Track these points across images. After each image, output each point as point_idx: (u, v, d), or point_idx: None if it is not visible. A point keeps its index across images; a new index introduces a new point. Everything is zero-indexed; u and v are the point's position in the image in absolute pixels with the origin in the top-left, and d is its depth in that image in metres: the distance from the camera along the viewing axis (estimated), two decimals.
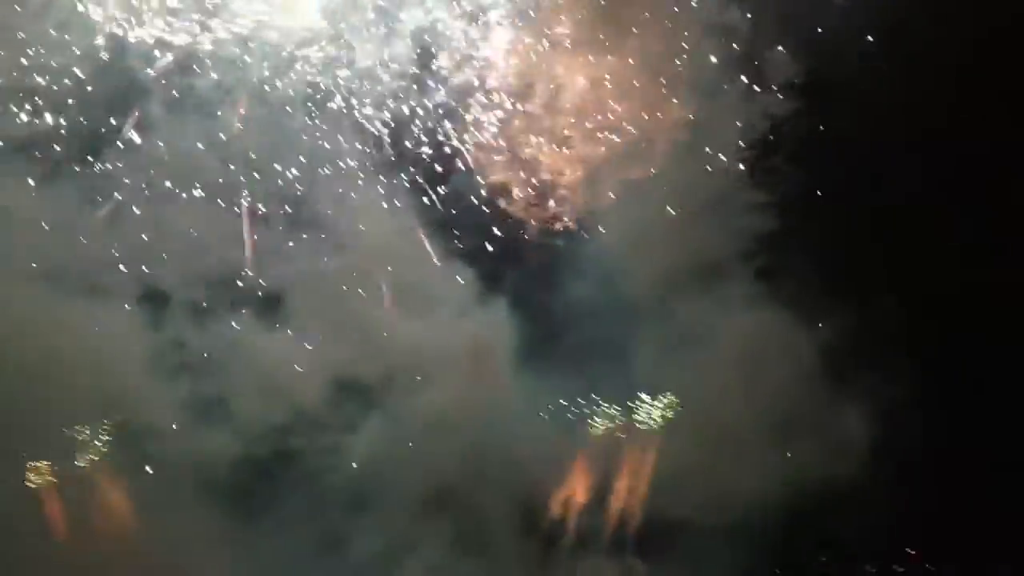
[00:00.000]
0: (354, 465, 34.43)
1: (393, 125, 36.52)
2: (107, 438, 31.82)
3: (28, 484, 29.20)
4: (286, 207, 35.67)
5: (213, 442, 32.78)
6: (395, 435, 34.39)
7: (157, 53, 33.75)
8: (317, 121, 35.76)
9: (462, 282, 35.16)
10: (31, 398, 28.60)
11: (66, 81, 33.17)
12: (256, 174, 35.31)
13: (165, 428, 32.19)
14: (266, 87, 35.23)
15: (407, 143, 36.78)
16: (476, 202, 36.30)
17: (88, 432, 31.37)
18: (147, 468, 31.65)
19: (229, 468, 33.08)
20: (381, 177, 36.22)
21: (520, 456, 33.18)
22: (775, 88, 18.06)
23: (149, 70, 33.73)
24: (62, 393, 29.46)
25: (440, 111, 36.43)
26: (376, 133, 36.49)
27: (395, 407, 34.28)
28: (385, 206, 35.91)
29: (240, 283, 34.95)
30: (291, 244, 35.40)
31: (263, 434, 34.03)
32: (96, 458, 31.31)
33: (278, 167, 35.54)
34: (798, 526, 31.28)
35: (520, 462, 33.21)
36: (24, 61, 31.56)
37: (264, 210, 35.26)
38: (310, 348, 34.39)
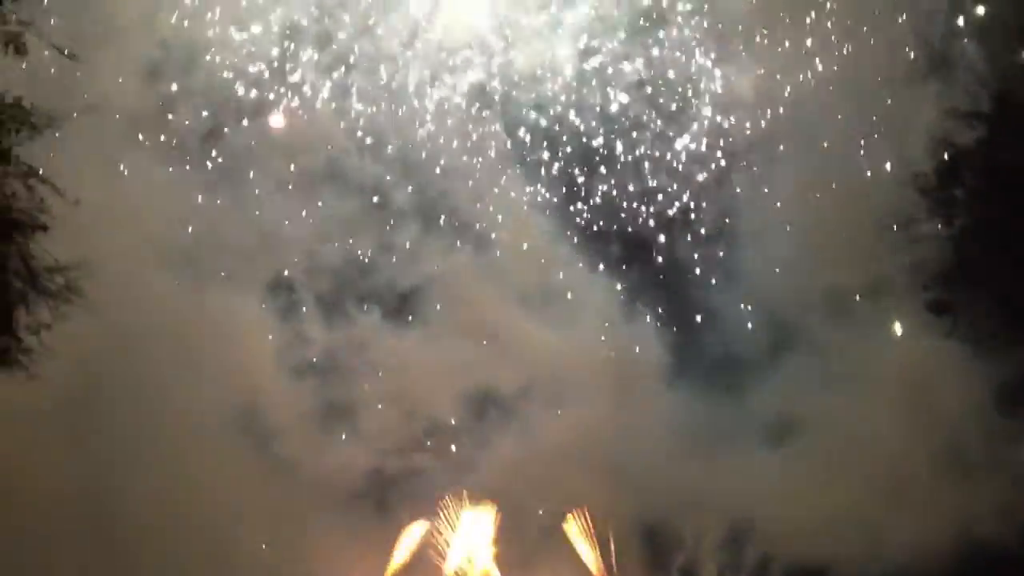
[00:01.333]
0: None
1: (547, 126, 37.97)
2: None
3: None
4: (426, 204, 37.62)
5: (337, 448, 34.25)
6: (528, 452, 35.55)
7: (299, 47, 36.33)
8: (465, 118, 37.76)
9: (606, 291, 36.14)
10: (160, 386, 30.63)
11: (201, 70, 35.81)
12: (397, 169, 37.47)
13: (290, 429, 34.03)
14: (415, 80, 37.36)
15: (558, 145, 38.17)
16: (628, 210, 37.32)
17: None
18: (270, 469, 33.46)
19: (353, 477, 34.45)
20: (528, 178, 37.76)
21: (657, 480, 33.66)
22: (961, 114, 18.39)
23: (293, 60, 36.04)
24: (190, 383, 31.43)
25: (597, 113, 37.70)
26: (528, 133, 38.17)
27: (530, 422, 35.37)
28: (530, 207, 37.46)
29: (373, 280, 36.98)
30: (428, 241, 37.32)
31: (389, 444, 35.35)
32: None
33: (422, 163, 37.65)
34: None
35: (657, 486, 33.70)
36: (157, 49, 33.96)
37: (402, 206, 37.37)
38: (442, 353, 35.84)
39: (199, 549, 28.63)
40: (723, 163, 36.65)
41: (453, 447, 35.48)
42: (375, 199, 36.42)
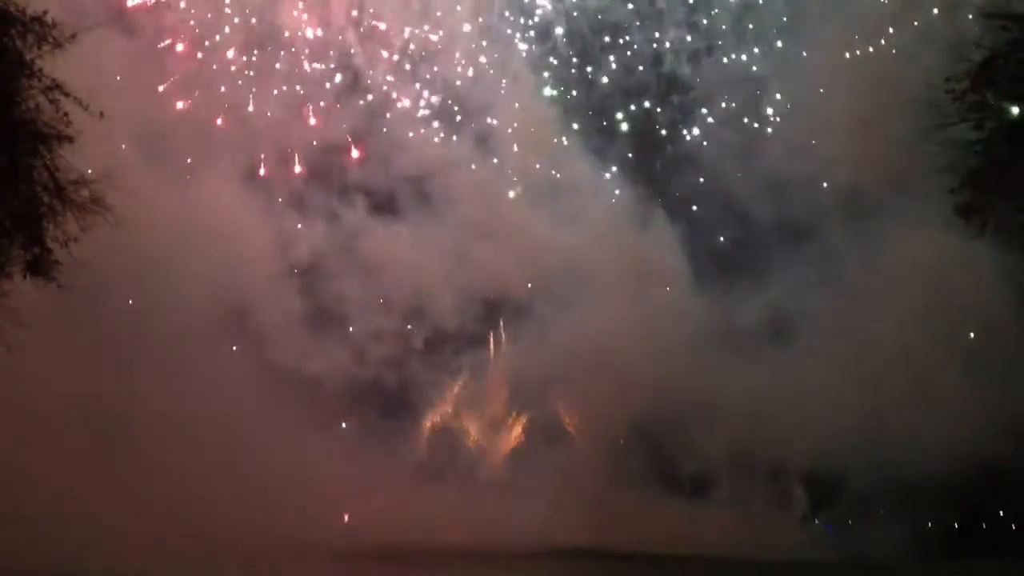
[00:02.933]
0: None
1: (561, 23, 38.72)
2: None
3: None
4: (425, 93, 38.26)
5: (327, 357, 35.45)
6: (534, 355, 36.35)
7: None
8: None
9: (619, 190, 37.32)
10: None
11: None
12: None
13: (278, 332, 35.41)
14: None
15: (566, 28, 38.83)
16: (647, 108, 38.23)
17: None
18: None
19: (342, 385, 35.80)
20: (534, 64, 38.43)
21: (668, 383, 34.26)
22: (992, 15, 19.28)
23: None
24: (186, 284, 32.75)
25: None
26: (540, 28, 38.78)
27: (541, 327, 36.36)
28: (536, 95, 38.13)
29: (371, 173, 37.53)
30: (431, 133, 37.94)
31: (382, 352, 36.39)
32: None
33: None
34: (983, 478, 32.52)
35: (667, 389, 34.36)
36: None
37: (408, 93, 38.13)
38: (442, 251, 36.50)
39: (196, 442, 30.65)
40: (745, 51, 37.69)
41: (457, 351, 37.29)
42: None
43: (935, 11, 33.06)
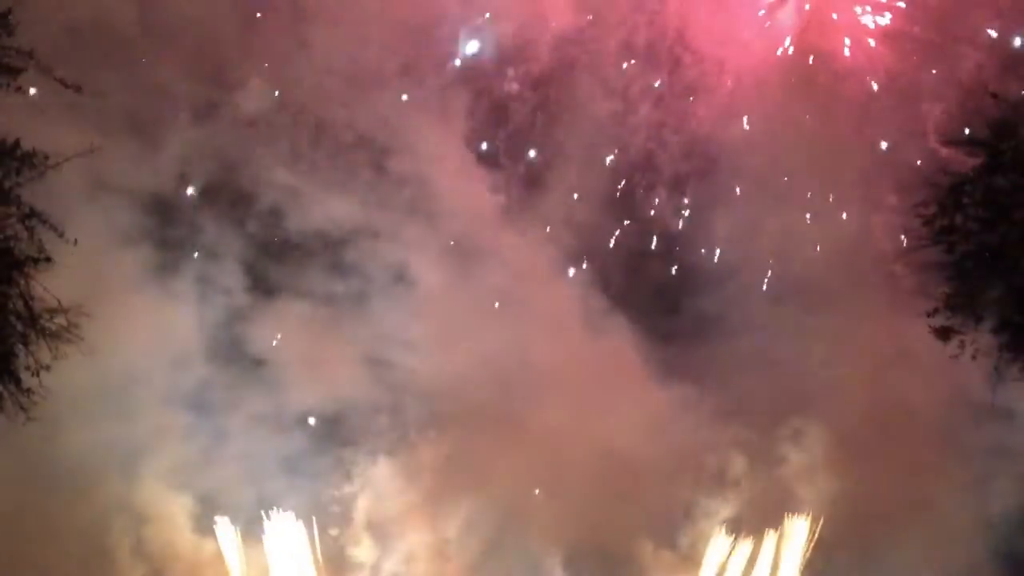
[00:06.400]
0: None
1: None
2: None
3: None
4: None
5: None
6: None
7: None
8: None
9: (573, 284, 40.70)
10: None
11: None
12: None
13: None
14: None
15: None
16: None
17: None
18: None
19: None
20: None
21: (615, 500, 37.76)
22: (959, 142, 22.28)
23: None
24: None
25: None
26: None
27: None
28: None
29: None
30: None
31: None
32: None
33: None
34: None
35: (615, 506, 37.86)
36: None
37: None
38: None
39: None
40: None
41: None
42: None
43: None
